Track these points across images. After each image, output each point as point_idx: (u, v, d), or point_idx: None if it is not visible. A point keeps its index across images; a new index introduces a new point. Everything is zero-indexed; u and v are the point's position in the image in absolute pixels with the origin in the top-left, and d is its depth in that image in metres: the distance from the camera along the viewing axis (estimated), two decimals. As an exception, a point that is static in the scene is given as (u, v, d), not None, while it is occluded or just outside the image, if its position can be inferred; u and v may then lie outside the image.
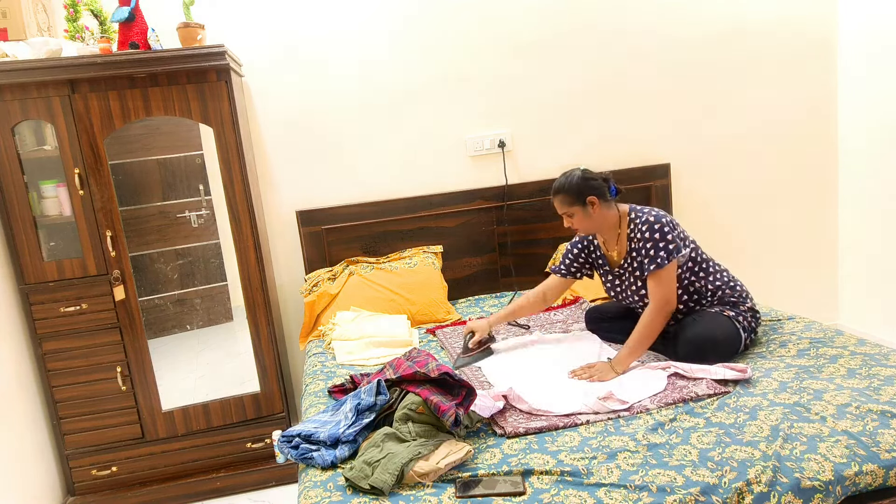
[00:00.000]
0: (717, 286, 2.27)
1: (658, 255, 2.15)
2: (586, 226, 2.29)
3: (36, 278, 2.53)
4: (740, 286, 2.31)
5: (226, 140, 2.59)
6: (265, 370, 2.76)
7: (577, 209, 2.26)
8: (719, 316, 2.20)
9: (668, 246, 2.16)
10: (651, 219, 2.20)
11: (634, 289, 2.29)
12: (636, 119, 3.38)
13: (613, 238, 2.32)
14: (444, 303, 2.97)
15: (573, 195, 2.25)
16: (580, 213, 2.26)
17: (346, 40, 3.06)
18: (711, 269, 2.29)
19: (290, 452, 1.76)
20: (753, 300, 2.31)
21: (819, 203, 3.67)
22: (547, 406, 1.88)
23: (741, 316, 2.21)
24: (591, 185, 2.25)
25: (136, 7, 2.48)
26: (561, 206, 2.28)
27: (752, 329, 2.23)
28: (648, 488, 1.47)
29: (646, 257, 2.19)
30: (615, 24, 3.28)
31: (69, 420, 2.64)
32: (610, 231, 2.31)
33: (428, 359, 1.90)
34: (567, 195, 2.26)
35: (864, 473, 1.51)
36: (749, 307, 2.26)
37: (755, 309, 2.28)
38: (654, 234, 2.18)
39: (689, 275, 2.24)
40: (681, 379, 2.00)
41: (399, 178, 3.19)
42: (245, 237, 2.67)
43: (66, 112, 2.46)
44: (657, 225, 2.18)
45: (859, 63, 3.44)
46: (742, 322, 2.19)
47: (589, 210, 2.25)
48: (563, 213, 2.29)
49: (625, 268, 2.31)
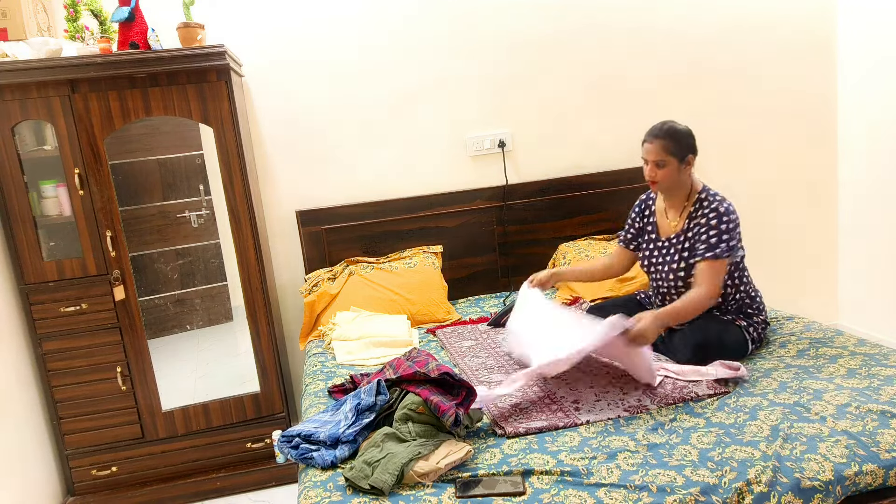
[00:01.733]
0: (742, 296, 2.25)
1: (719, 244, 2.10)
2: (671, 182, 2.18)
3: (36, 278, 2.53)
4: (760, 298, 2.30)
5: (226, 140, 2.59)
6: (265, 370, 2.76)
7: (674, 160, 2.15)
8: (731, 324, 2.18)
9: (731, 242, 2.11)
10: (722, 209, 2.14)
11: (675, 266, 2.22)
12: (636, 119, 3.38)
13: (678, 208, 2.24)
14: (444, 303, 2.97)
15: (678, 145, 2.15)
16: (674, 165, 2.15)
17: (347, 40, 3.05)
18: (745, 278, 2.25)
19: (290, 452, 1.76)
20: (766, 312, 2.30)
21: (819, 203, 3.67)
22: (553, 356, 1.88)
23: (752, 327, 2.20)
24: (694, 144, 2.18)
25: (136, 7, 2.48)
26: (659, 151, 2.15)
27: (759, 339, 2.23)
28: (648, 488, 1.47)
29: (704, 243, 2.12)
30: (615, 24, 3.28)
31: (69, 420, 2.63)
32: (679, 199, 2.24)
33: (428, 359, 1.90)
34: (670, 142, 2.14)
35: (864, 473, 1.51)
36: (763, 319, 2.25)
37: (767, 321, 2.28)
38: (721, 225, 2.11)
39: (727, 278, 2.19)
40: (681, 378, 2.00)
41: (399, 178, 3.19)
42: (245, 237, 2.67)
43: (66, 112, 2.46)
44: (726, 217, 2.12)
45: (859, 63, 3.44)
46: (752, 333, 2.19)
47: (683, 167, 2.17)
48: (657, 159, 2.16)
49: (673, 242, 2.24)
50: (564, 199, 3.28)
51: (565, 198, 3.28)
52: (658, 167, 2.17)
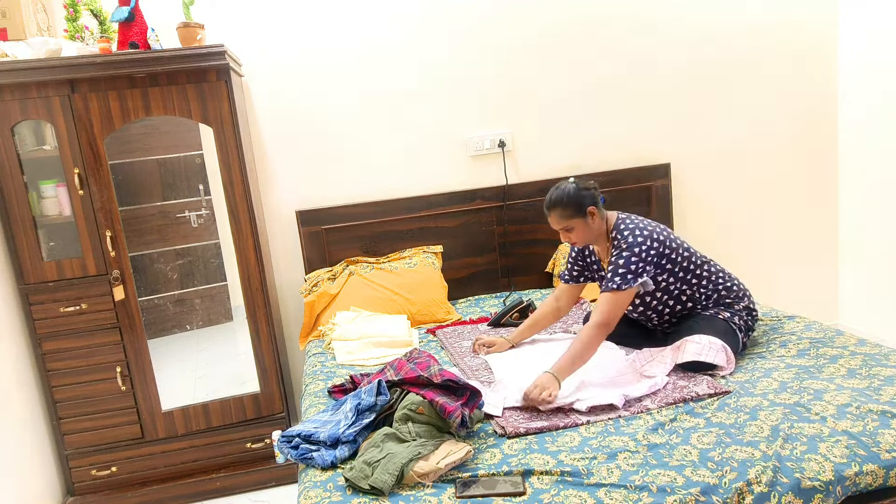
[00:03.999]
0: (713, 289, 2.25)
1: (614, 278, 2.09)
2: (586, 237, 2.22)
3: (36, 278, 2.53)
4: (737, 285, 2.28)
5: (225, 140, 2.59)
6: (265, 370, 2.76)
7: (578, 221, 2.17)
8: (715, 319, 2.18)
9: (630, 272, 2.08)
10: (631, 239, 2.13)
11: None
12: (636, 119, 3.38)
13: (604, 246, 2.27)
14: (444, 303, 2.97)
15: (573, 207, 2.16)
16: (581, 225, 2.18)
17: (347, 40, 3.05)
18: (706, 272, 2.24)
19: (290, 452, 1.76)
20: (751, 298, 2.29)
21: (819, 203, 3.67)
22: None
23: (737, 316, 2.19)
24: (589, 195, 2.18)
25: (135, 7, 2.48)
26: (560, 220, 2.19)
27: (749, 328, 2.22)
28: (648, 488, 1.47)
29: (604, 276, 2.15)
30: (615, 25, 3.28)
31: (69, 420, 2.63)
32: (601, 239, 2.26)
33: (429, 360, 1.89)
34: (566, 208, 2.17)
35: (865, 473, 1.51)
36: (745, 306, 2.24)
37: (751, 307, 2.26)
38: (623, 253, 2.11)
39: (681, 284, 2.21)
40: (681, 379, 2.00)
41: (399, 178, 3.19)
42: (245, 237, 2.67)
43: (66, 112, 2.46)
44: (635, 247, 2.11)
45: (859, 63, 3.44)
46: (738, 322, 2.18)
47: (589, 221, 2.18)
48: (562, 227, 2.20)
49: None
50: (564, 199, 3.27)
51: (565, 198, 3.27)
52: (568, 231, 2.21)
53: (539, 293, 3.13)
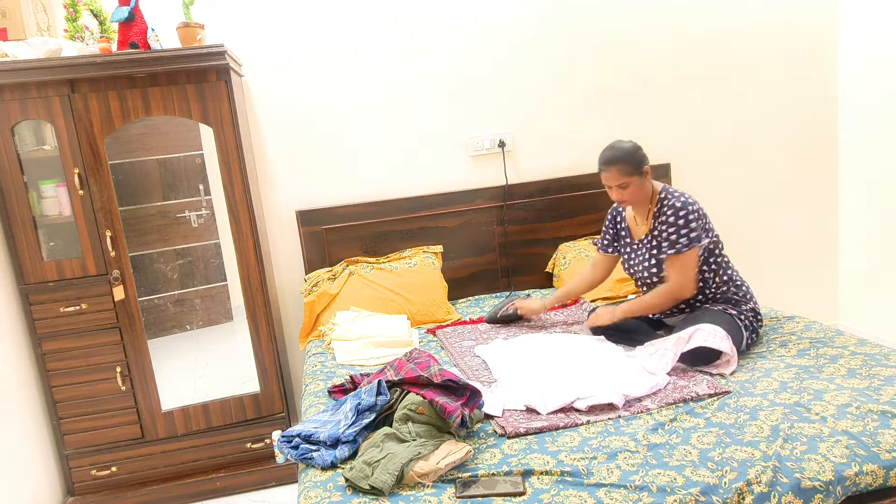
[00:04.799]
0: (724, 281, 2.31)
1: (679, 240, 2.21)
2: (638, 196, 2.29)
3: (36, 278, 2.53)
4: (746, 287, 2.35)
5: (225, 140, 2.59)
6: (265, 370, 2.76)
7: (635, 179, 2.25)
8: (722, 314, 2.21)
9: (691, 234, 2.20)
10: (678, 204, 2.23)
11: (647, 265, 2.33)
12: (636, 119, 3.38)
13: (644, 212, 2.35)
14: (444, 303, 2.97)
15: (632, 165, 2.24)
16: (636, 182, 2.26)
17: (347, 41, 3.05)
18: (724, 264, 2.33)
19: (290, 452, 1.76)
20: (756, 303, 2.33)
21: (819, 203, 3.67)
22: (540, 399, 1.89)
23: (742, 315, 2.23)
24: (644, 155, 2.28)
25: (135, 7, 2.48)
26: (618, 176, 2.25)
27: (753, 329, 2.25)
28: (648, 488, 1.47)
29: (666, 241, 2.24)
30: (615, 24, 3.28)
31: (69, 420, 2.63)
32: (644, 204, 2.34)
33: (429, 360, 1.89)
34: (626, 165, 2.24)
35: (865, 473, 1.51)
36: (751, 308, 2.28)
37: (757, 311, 2.30)
38: (679, 220, 2.21)
39: (702, 264, 2.28)
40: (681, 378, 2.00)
41: (399, 178, 3.19)
42: (245, 237, 2.67)
43: (66, 112, 2.46)
44: (682, 211, 2.21)
45: (859, 63, 3.44)
46: (744, 321, 2.21)
47: (644, 180, 2.27)
48: (619, 183, 2.26)
49: (644, 243, 2.36)
50: (564, 199, 3.28)
51: (565, 198, 3.28)
52: (623, 188, 2.27)
53: (539, 293, 3.13)
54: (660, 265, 2.30)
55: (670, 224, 2.23)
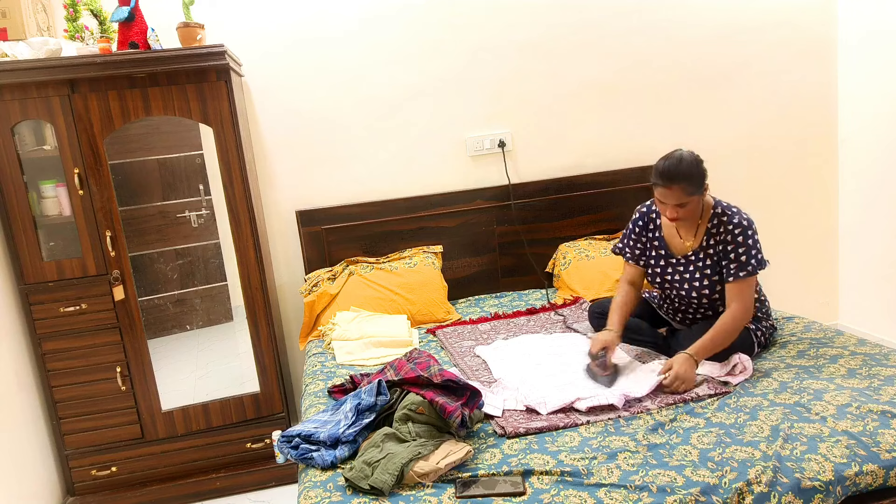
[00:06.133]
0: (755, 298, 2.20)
1: (750, 262, 2.04)
2: (695, 214, 2.08)
3: (35, 278, 2.53)
4: (768, 303, 2.29)
5: (225, 140, 2.59)
6: (265, 370, 2.76)
7: (697, 198, 2.03)
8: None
9: (759, 255, 2.05)
10: (745, 222, 2.06)
11: (698, 286, 2.14)
12: (636, 119, 3.38)
13: (692, 227, 2.14)
14: (444, 303, 2.97)
15: (698, 182, 2.01)
16: (696, 201, 2.04)
17: (347, 40, 3.05)
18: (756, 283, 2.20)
19: (289, 452, 1.76)
20: (774, 318, 2.29)
21: (819, 203, 3.67)
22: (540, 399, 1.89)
23: (759, 330, 2.20)
24: (705, 169, 2.05)
25: (135, 7, 2.48)
26: (683, 195, 2.00)
27: (765, 344, 2.23)
28: (648, 488, 1.47)
29: (735, 262, 2.05)
30: (615, 24, 3.28)
31: (69, 420, 2.63)
32: (693, 218, 2.12)
33: (429, 360, 1.89)
34: (692, 183, 1.99)
35: (865, 473, 1.51)
36: (770, 324, 2.25)
37: (774, 326, 2.28)
38: (748, 240, 2.05)
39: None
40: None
41: (399, 178, 3.19)
42: (245, 237, 2.67)
43: (66, 112, 2.46)
44: (749, 230, 2.05)
45: (859, 63, 3.44)
46: (759, 337, 2.18)
47: (703, 196, 2.06)
48: (682, 202, 2.02)
49: (692, 260, 2.16)
50: (564, 199, 3.28)
51: (565, 198, 3.28)
52: (681, 207, 2.04)
53: (539, 293, 3.13)
54: (713, 287, 2.12)
55: (738, 244, 2.04)
